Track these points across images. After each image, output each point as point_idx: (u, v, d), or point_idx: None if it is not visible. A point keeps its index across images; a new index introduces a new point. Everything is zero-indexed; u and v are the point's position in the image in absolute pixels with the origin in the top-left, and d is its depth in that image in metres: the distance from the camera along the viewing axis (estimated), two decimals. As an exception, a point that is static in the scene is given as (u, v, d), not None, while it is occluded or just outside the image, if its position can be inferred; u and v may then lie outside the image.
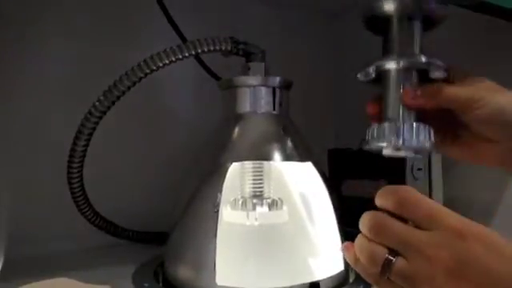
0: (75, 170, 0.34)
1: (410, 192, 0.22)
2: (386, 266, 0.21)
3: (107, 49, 0.46)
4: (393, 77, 0.26)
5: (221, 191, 0.30)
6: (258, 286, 0.30)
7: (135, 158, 0.48)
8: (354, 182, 0.48)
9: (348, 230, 0.43)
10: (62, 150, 0.34)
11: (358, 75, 0.27)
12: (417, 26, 0.26)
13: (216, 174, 0.31)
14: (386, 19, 0.26)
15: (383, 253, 0.21)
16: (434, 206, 0.21)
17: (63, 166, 0.34)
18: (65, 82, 0.45)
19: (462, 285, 0.19)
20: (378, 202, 0.23)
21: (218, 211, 0.30)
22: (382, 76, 0.27)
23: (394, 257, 0.21)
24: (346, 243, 0.24)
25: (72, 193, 0.36)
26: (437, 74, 0.26)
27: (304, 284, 0.29)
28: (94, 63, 0.45)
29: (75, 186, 0.35)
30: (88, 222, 0.38)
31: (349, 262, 0.24)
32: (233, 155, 0.32)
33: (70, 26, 0.45)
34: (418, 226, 0.21)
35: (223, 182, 0.30)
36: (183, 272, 0.31)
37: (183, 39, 0.40)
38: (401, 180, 0.41)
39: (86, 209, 0.37)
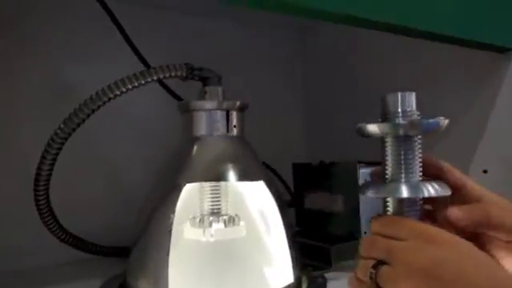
0: (41, 193, 0.35)
1: (391, 216, 0.26)
2: (374, 272, 0.24)
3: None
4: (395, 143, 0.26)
5: (174, 212, 0.31)
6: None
7: (103, 175, 0.49)
8: (315, 196, 0.50)
9: (306, 243, 0.45)
10: (31, 165, 0.35)
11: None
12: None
13: (172, 194, 0.33)
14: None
15: (371, 263, 0.25)
16: (411, 221, 0.25)
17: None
18: (36, 99, 0.46)
19: (436, 283, 0.22)
20: (371, 228, 0.27)
21: (170, 230, 0.31)
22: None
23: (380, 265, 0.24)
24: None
25: (40, 212, 0.36)
26: None
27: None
28: (64, 82, 0.47)
29: (42, 206, 0.36)
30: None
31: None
32: (188, 176, 0.34)
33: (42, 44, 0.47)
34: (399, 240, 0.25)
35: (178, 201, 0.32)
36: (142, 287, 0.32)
37: (146, 65, 0.42)
38: (355, 194, 0.43)
39: (54, 226, 0.38)
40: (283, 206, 0.37)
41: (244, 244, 0.35)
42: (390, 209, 0.27)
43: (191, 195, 0.33)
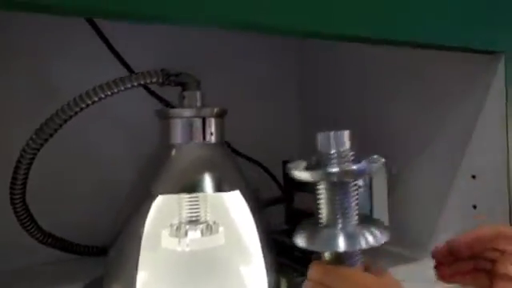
0: (17, 197, 0.36)
1: (328, 267, 0.25)
2: None
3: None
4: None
5: (144, 223, 0.32)
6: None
7: (89, 174, 0.50)
8: (302, 195, 0.50)
9: (288, 244, 0.44)
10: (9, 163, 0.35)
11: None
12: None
13: (145, 203, 0.33)
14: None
15: None
16: (348, 272, 0.24)
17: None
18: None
19: None
20: (308, 275, 0.26)
21: (140, 241, 0.31)
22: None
23: None
24: None
25: (16, 214, 0.37)
26: None
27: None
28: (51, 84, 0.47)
29: (18, 208, 0.37)
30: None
31: None
32: (162, 185, 0.34)
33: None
34: None
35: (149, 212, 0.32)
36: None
37: (129, 69, 0.41)
38: None
39: (31, 227, 0.38)
40: (261, 212, 0.37)
41: (221, 252, 0.35)
42: (327, 256, 0.26)
43: (169, 202, 0.33)
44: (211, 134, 0.36)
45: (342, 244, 0.24)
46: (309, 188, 0.49)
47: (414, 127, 0.48)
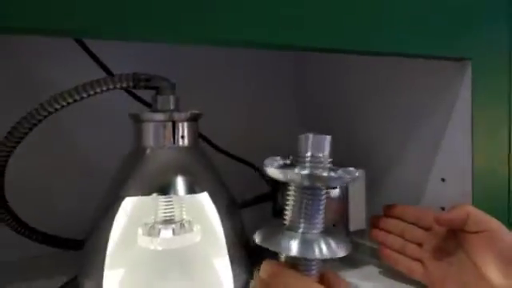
0: None
1: (279, 268, 0.25)
2: None
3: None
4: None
5: (112, 224, 0.33)
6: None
7: (76, 166, 0.51)
8: (285, 192, 0.51)
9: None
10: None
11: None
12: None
13: (114, 205, 0.34)
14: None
15: None
16: (297, 279, 0.24)
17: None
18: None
19: None
20: (260, 273, 0.26)
21: (107, 242, 0.33)
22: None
23: None
24: None
25: None
26: None
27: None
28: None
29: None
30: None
31: None
32: (130, 188, 0.34)
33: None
34: None
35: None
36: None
37: (107, 71, 0.42)
38: None
39: (8, 220, 0.39)
40: (233, 213, 0.38)
41: (193, 249, 0.37)
42: (283, 258, 0.26)
43: (124, 210, 0.34)
44: (182, 137, 0.36)
45: (294, 249, 0.24)
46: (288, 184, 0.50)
47: (387, 135, 0.49)
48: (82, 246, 0.45)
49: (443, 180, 0.41)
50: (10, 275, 0.43)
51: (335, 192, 0.43)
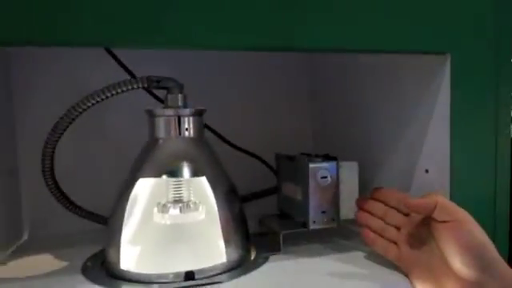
0: (48, 175, 0.46)
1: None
2: None
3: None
4: None
5: (127, 201, 0.40)
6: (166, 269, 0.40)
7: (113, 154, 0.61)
8: (287, 185, 0.55)
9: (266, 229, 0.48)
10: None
11: None
12: None
13: (131, 186, 0.41)
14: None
15: None
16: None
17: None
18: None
19: None
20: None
21: (123, 216, 0.40)
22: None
23: None
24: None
25: (48, 188, 0.47)
26: None
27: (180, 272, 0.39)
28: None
29: (51, 185, 0.47)
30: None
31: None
32: (146, 171, 0.42)
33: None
34: None
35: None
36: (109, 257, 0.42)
37: (130, 73, 0.50)
38: (306, 188, 0.47)
39: (63, 200, 0.49)
40: (232, 198, 0.44)
41: (196, 226, 0.43)
42: None
43: (138, 189, 0.42)
44: (187, 129, 0.43)
45: None
46: (290, 177, 0.55)
47: (379, 129, 0.52)
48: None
49: (427, 171, 0.43)
50: (58, 244, 0.53)
51: (326, 180, 0.47)
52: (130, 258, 0.41)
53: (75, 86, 0.57)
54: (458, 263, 0.32)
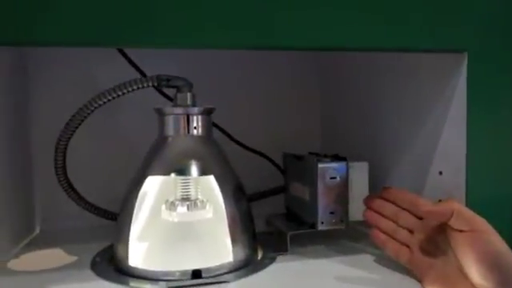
0: (60, 171, 0.47)
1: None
2: None
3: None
4: None
5: (136, 198, 0.41)
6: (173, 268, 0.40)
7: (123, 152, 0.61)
8: (295, 184, 0.55)
9: (273, 229, 0.47)
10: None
11: None
12: None
13: (140, 184, 0.42)
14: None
15: None
16: None
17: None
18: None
19: None
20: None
21: (132, 213, 0.41)
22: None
23: None
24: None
25: (60, 184, 0.48)
26: None
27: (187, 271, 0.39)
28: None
29: (63, 183, 0.48)
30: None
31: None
32: (155, 169, 0.42)
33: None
34: None
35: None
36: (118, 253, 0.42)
37: (140, 72, 0.50)
38: (315, 188, 0.46)
39: (74, 196, 0.50)
40: (239, 197, 0.44)
41: (203, 223, 0.43)
42: None
43: (147, 186, 0.42)
44: (195, 128, 0.43)
45: None
46: (297, 177, 0.54)
47: (391, 129, 0.51)
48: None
49: (440, 173, 0.42)
50: (68, 238, 0.54)
51: (335, 181, 0.46)
52: (139, 254, 0.41)
53: (88, 85, 0.58)
54: (475, 274, 0.31)
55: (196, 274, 0.39)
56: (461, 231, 0.33)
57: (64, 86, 0.59)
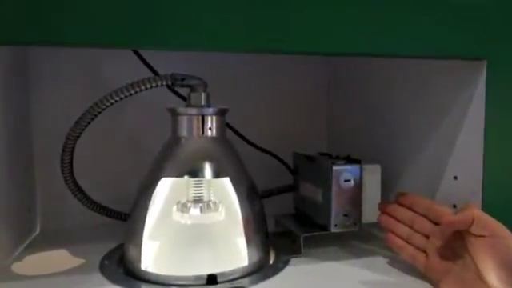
0: (66, 171, 0.45)
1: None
2: None
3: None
4: None
5: (149, 199, 0.39)
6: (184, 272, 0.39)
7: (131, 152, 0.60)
8: (306, 185, 0.55)
9: (285, 230, 0.46)
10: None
11: None
12: None
13: (153, 185, 0.40)
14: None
15: None
16: None
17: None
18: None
19: None
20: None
21: (145, 215, 0.40)
22: None
23: None
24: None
25: (66, 184, 0.47)
26: None
27: (201, 275, 0.38)
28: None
29: (68, 180, 0.47)
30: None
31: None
32: (168, 171, 0.41)
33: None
34: None
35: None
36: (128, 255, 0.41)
37: (153, 70, 0.48)
38: (329, 191, 0.46)
39: (80, 195, 0.48)
40: (253, 198, 0.43)
41: (216, 226, 0.42)
42: None
43: (161, 188, 0.41)
44: (210, 129, 0.42)
45: None
46: (309, 178, 0.54)
47: (405, 132, 0.51)
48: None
49: (455, 178, 0.42)
50: (72, 239, 0.53)
51: (349, 183, 0.46)
52: (151, 258, 0.40)
53: (88, 85, 0.56)
54: (495, 279, 0.32)
55: (211, 278, 0.38)
56: (480, 236, 0.33)
57: (64, 86, 0.57)
